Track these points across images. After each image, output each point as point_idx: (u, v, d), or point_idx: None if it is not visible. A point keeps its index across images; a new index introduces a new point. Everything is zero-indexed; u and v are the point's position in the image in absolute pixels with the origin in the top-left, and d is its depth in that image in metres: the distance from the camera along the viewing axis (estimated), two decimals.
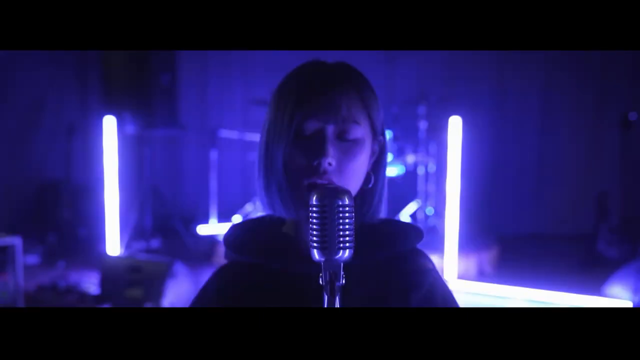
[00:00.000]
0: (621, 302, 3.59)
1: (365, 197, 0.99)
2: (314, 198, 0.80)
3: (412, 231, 1.04)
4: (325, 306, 0.80)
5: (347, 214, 0.79)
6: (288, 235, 1.02)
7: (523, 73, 5.76)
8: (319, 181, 0.91)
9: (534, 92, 5.81)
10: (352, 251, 0.80)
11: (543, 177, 5.86)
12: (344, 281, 0.80)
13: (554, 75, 5.77)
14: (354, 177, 0.94)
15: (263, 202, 1.00)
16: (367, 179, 0.99)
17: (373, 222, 1.01)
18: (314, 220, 0.80)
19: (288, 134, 0.93)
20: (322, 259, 0.79)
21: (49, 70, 5.68)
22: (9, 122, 5.49)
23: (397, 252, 1.01)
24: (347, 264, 0.82)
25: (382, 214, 1.03)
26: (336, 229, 0.79)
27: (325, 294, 0.80)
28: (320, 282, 0.80)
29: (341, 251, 0.79)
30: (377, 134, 1.00)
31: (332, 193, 0.80)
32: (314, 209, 0.80)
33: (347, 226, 0.79)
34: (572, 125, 5.76)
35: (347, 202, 0.80)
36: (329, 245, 0.79)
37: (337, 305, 0.80)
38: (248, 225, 1.07)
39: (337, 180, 0.91)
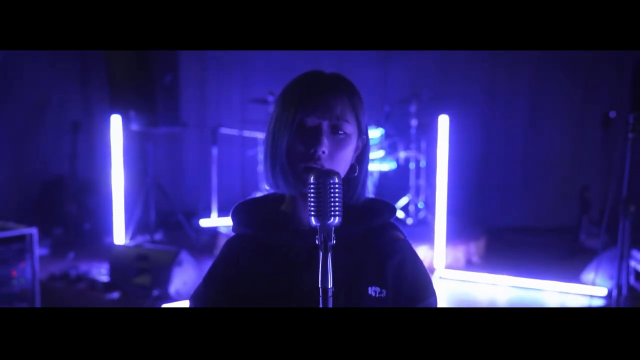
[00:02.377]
0: (596, 288, 3.84)
1: (351, 184, 1.22)
2: (312, 178, 1.04)
3: (387, 208, 1.27)
4: (320, 262, 1.04)
5: (336, 190, 1.03)
6: (285, 212, 1.25)
7: (512, 73, 6.00)
8: (314, 165, 1.14)
9: (521, 92, 6.05)
10: (340, 218, 1.04)
11: (530, 173, 6.12)
12: (334, 241, 1.04)
13: (541, 76, 6.01)
14: (341, 164, 1.17)
15: (269, 182, 1.23)
16: (352, 169, 1.22)
17: (358, 203, 1.24)
18: (312, 195, 1.04)
19: (292, 127, 1.16)
20: (318, 224, 1.03)
21: (53, 70, 5.90)
22: (16, 121, 5.70)
23: (375, 225, 1.25)
24: (336, 234, 1.06)
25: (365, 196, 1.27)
26: (328, 201, 1.03)
27: (320, 251, 1.03)
28: (317, 242, 1.04)
29: (332, 218, 1.03)
30: (361, 133, 1.22)
31: (325, 174, 1.04)
32: (312, 186, 1.04)
33: (336, 199, 1.03)
34: (558, 124, 6.01)
35: (336, 181, 1.04)
36: (323, 213, 1.03)
37: (329, 263, 1.04)
38: (251, 203, 1.31)
39: (328, 165, 1.15)
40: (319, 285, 1.03)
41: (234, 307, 1.20)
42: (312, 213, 1.03)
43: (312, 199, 1.03)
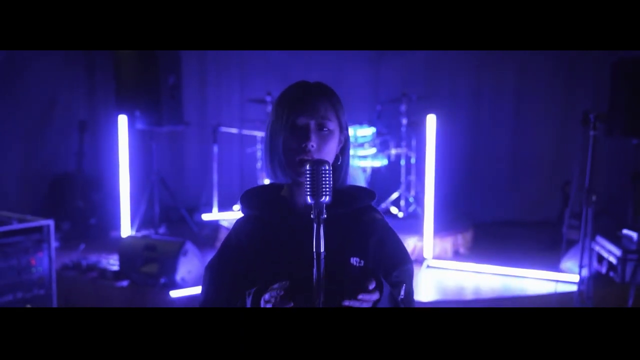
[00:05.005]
0: (570, 276, 4.14)
1: (337, 170, 1.52)
2: (307, 165, 1.33)
3: (367, 193, 1.57)
4: (314, 234, 1.31)
5: (327, 175, 1.32)
6: (284, 196, 1.54)
7: (497, 74, 6.30)
8: (306, 157, 1.42)
9: (506, 92, 6.34)
10: (330, 197, 1.32)
11: (515, 169, 6.41)
12: (325, 215, 1.32)
13: (525, 77, 6.30)
14: (328, 154, 1.46)
15: (268, 174, 1.52)
16: (337, 159, 1.51)
17: (343, 187, 1.53)
18: (307, 179, 1.32)
19: (286, 127, 1.46)
20: (312, 202, 1.31)
21: (61, 72, 6.16)
22: (27, 120, 5.95)
23: (356, 207, 1.53)
24: (327, 214, 1.33)
25: (349, 182, 1.56)
26: (321, 183, 1.31)
27: (314, 223, 1.31)
28: (312, 216, 1.32)
29: (324, 196, 1.31)
30: (342, 129, 1.52)
31: (318, 162, 1.33)
32: (307, 172, 1.32)
33: (327, 182, 1.31)
34: (542, 122, 6.31)
35: (327, 168, 1.32)
36: (317, 193, 1.31)
37: (322, 232, 1.31)
38: (257, 189, 1.60)
39: (317, 157, 1.43)
40: (314, 250, 1.31)
41: (241, 273, 1.48)
42: (308, 193, 1.31)
43: (307, 182, 1.32)
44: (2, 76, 5.71)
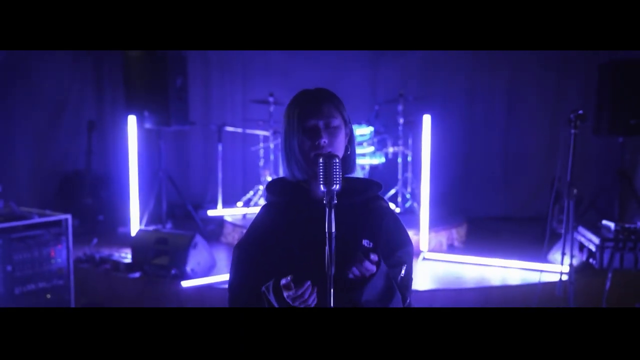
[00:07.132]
0: (555, 265, 4.39)
1: (346, 160, 1.76)
2: (320, 159, 1.57)
3: (375, 184, 1.82)
4: (327, 217, 1.55)
5: (336, 166, 1.56)
6: (303, 187, 1.78)
7: (490, 74, 6.55)
8: (320, 152, 1.66)
9: (499, 93, 6.59)
10: (340, 186, 1.56)
11: (507, 167, 6.66)
12: (336, 201, 1.55)
13: (517, 77, 6.56)
14: (339, 147, 1.71)
15: (287, 173, 1.76)
16: (346, 149, 1.75)
17: (352, 176, 1.77)
18: (321, 170, 1.56)
19: (298, 130, 1.70)
20: (325, 189, 1.55)
21: (71, 73, 6.39)
22: (38, 119, 6.18)
23: (366, 196, 1.78)
24: (340, 202, 1.56)
25: (356, 172, 1.80)
26: (332, 173, 1.55)
27: (326, 207, 1.55)
28: (324, 202, 1.55)
29: (334, 185, 1.55)
30: (347, 123, 1.76)
31: (330, 156, 1.57)
32: (321, 164, 1.56)
33: (337, 172, 1.55)
34: (533, 122, 6.56)
35: (337, 161, 1.56)
36: (328, 182, 1.55)
37: (333, 215, 1.55)
38: (280, 179, 1.84)
39: (330, 150, 1.66)
40: (326, 230, 1.54)
41: (266, 253, 1.71)
42: (321, 182, 1.56)
43: (321, 173, 1.56)
44: (13, 76, 5.93)
